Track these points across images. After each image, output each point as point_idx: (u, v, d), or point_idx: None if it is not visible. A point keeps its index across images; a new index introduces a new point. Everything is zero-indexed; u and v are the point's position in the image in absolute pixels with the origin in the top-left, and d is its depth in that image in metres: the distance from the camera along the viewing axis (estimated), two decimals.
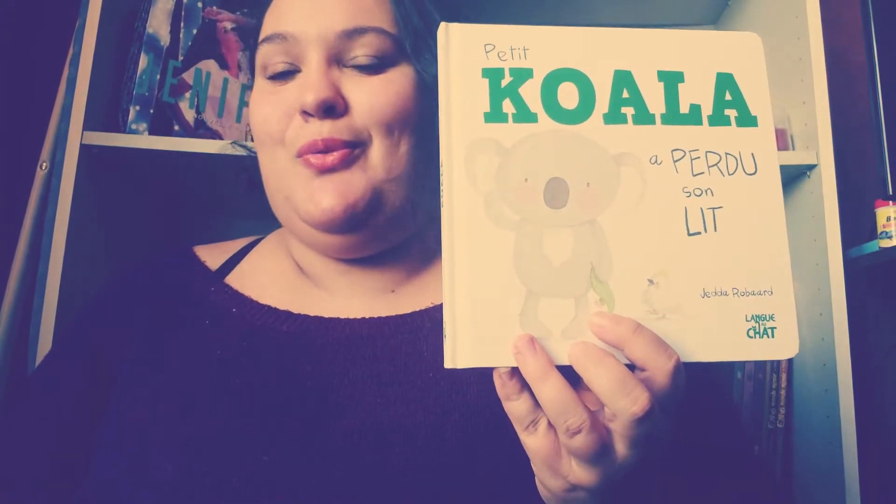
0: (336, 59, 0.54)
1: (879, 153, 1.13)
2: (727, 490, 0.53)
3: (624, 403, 0.35)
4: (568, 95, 0.41)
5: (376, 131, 0.54)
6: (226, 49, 1.04)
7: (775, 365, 0.99)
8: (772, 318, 0.40)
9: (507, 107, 0.40)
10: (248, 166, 0.68)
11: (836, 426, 0.88)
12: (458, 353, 0.38)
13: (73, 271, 0.89)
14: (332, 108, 0.52)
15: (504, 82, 0.41)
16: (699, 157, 0.41)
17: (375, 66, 0.54)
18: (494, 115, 0.40)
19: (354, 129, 0.53)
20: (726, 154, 0.42)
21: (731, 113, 0.42)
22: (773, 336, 0.40)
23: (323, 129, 0.52)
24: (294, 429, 0.51)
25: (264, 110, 0.55)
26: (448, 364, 0.38)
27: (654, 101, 0.42)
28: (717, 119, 0.42)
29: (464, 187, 0.39)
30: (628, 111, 0.41)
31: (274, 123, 0.54)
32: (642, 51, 0.43)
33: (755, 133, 0.42)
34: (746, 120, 0.42)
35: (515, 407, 0.39)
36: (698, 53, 0.43)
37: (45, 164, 1.01)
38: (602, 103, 0.41)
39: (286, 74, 0.55)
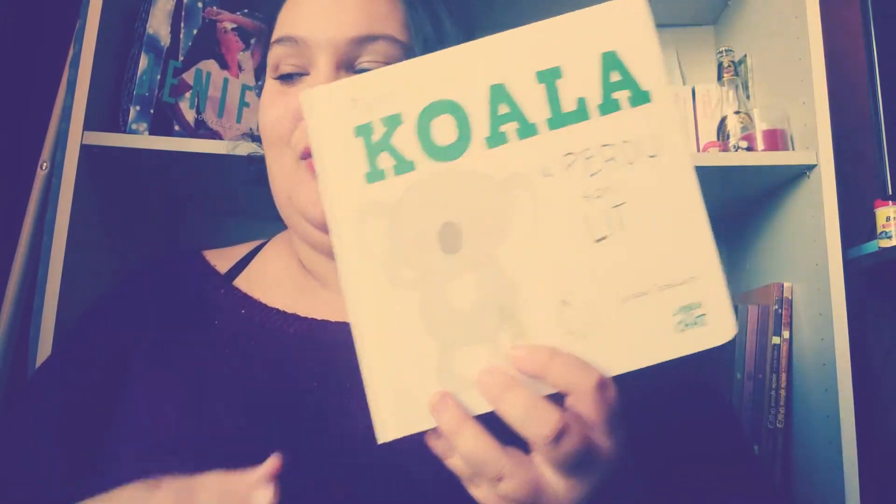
0: (345, 65, 0.54)
1: (879, 153, 1.13)
2: (726, 492, 0.53)
3: (535, 428, 0.34)
4: (444, 130, 0.38)
5: None
6: (226, 49, 1.04)
7: (775, 365, 0.99)
8: (699, 305, 0.37)
9: (385, 161, 0.38)
10: (258, 158, 0.68)
11: (836, 426, 0.88)
12: (387, 425, 0.37)
13: (73, 271, 0.89)
14: None
15: (376, 136, 0.38)
16: (592, 156, 0.38)
17: None
18: (375, 174, 0.38)
19: None
20: (623, 142, 0.38)
21: (622, 95, 0.38)
22: (704, 324, 0.37)
23: None
24: (300, 430, 0.51)
25: (273, 112, 0.55)
26: (380, 438, 0.37)
27: (536, 107, 0.38)
28: (608, 106, 0.38)
29: (356, 257, 0.38)
30: (510, 127, 0.38)
31: (281, 125, 0.55)
32: (515, 54, 0.39)
33: (650, 109, 0.38)
34: (639, 97, 0.38)
35: (454, 464, 0.38)
36: (577, 38, 0.39)
37: (45, 164, 1.01)
38: (481, 127, 0.38)
39: (295, 76, 0.55)
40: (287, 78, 0.56)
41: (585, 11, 0.39)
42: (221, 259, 0.65)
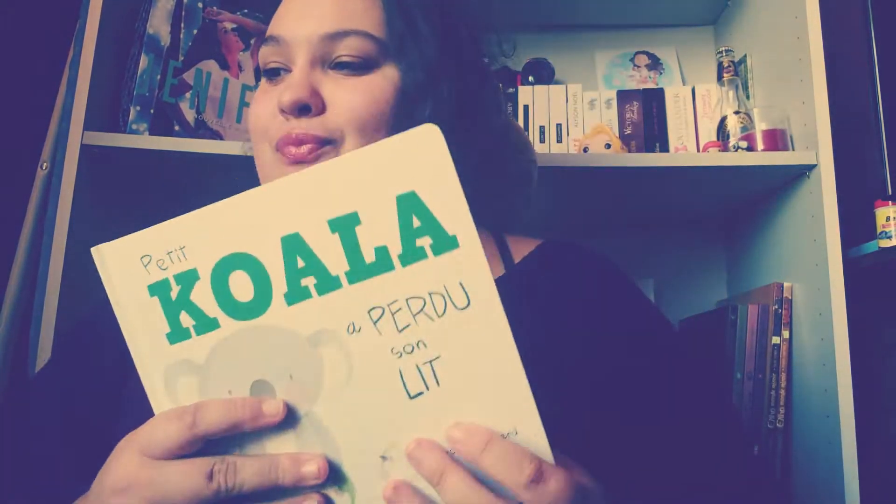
0: (321, 61, 0.56)
1: (879, 153, 1.13)
2: (727, 491, 0.53)
3: (512, 477, 0.34)
4: (241, 286, 0.36)
5: (350, 130, 0.54)
6: (226, 49, 1.04)
7: (775, 365, 0.99)
8: None
9: (186, 320, 0.37)
10: None
11: (836, 426, 0.88)
12: None
13: (73, 271, 0.89)
14: (307, 107, 0.54)
15: (173, 294, 0.37)
16: (401, 309, 0.35)
17: (357, 68, 0.55)
18: (177, 334, 0.37)
19: (327, 127, 0.54)
20: (430, 294, 0.35)
21: (425, 242, 0.35)
22: None
23: (299, 125, 0.54)
24: None
25: (256, 109, 0.58)
26: None
27: (334, 259, 0.36)
28: (410, 256, 0.35)
29: None
30: (309, 282, 0.36)
31: (261, 120, 0.57)
32: (306, 201, 0.36)
33: (458, 256, 0.35)
34: (444, 244, 0.35)
35: None
36: (369, 179, 0.35)
37: (45, 164, 1.01)
38: (279, 283, 0.36)
39: (282, 72, 0.57)
40: (273, 75, 0.58)
41: (379, 146, 0.35)
42: None
